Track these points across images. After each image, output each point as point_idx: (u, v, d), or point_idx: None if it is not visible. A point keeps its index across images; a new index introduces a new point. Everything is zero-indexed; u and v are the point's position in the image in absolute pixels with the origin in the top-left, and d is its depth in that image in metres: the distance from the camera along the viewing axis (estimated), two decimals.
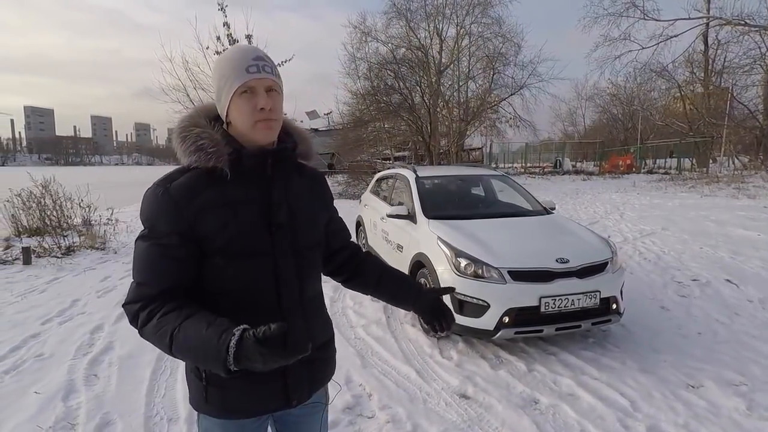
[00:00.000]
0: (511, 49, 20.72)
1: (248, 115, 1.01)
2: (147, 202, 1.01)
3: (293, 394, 1.12)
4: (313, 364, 1.15)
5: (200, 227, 0.99)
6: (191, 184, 1.00)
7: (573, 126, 48.72)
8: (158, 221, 0.99)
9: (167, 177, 1.03)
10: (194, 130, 1.02)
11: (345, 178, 17.08)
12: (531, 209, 4.59)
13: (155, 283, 0.98)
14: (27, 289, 4.96)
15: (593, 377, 2.97)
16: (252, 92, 1.00)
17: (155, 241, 0.99)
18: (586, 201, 12.74)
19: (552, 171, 25.97)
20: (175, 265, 0.99)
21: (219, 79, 1.03)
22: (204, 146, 1.00)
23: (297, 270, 1.10)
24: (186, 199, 0.98)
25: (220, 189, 1.01)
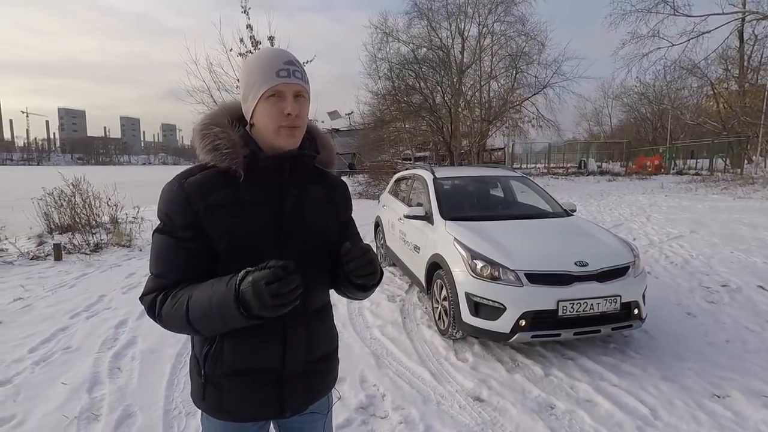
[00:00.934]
0: (535, 48, 20.41)
1: (273, 120, 1.00)
2: (164, 196, 1.02)
3: (287, 404, 1.10)
4: (311, 376, 1.13)
5: (207, 225, 0.99)
6: (206, 181, 1.01)
7: (599, 126, 47.57)
8: (172, 215, 1.00)
9: (185, 172, 1.04)
10: (213, 129, 1.02)
11: (365, 178, 17.13)
12: (550, 211, 4.51)
13: (170, 275, 1.00)
14: (57, 284, 5.17)
15: (612, 384, 2.89)
16: (280, 97, 1.00)
17: (169, 234, 1.00)
18: (611, 203, 12.42)
19: (576, 172, 25.44)
20: (188, 257, 1.00)
21: (247, 80, 1.01)
22: (220, 146, 1.00)
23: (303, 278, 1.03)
24: (198, 196, 0.99)
25: (233, 190, 1.01)
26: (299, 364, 1.09)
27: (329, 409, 1.27)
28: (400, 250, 4.99)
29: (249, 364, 1.04)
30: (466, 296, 3.27)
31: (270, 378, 1.07)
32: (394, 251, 5.25)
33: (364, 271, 1.05)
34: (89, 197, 7.74)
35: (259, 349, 1.04)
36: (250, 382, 1.05)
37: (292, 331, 1.06)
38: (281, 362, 1.06)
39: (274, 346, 1.05)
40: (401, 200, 5.47)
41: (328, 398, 1.26)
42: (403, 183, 5.84)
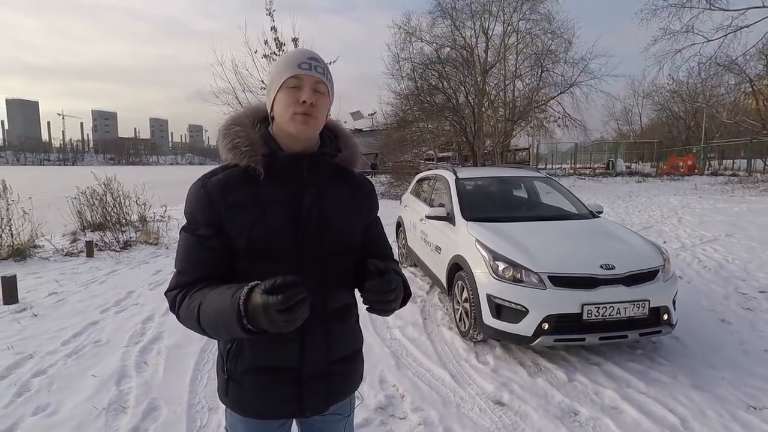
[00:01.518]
0: (561, 46, 19.97)
1: (288, 106, 1.01)
2: (189, 196, 1.05)
3: (307, 404, 1.09)
4: (331, 377, 1.12)
5: (228, 223, 1.01)
6: (227, 180, 1.03)
7: (628, 125, 46.24)
8: (196, 213, 1.03)
9: (210, 172, 1.06)
10: (234, 129, 1.05)
11: (388, 178, 17.14)
12: (576, 212, 4.41)
13: (191, 272, 1.02)
14: (89, 280, 5.37)
15: (640, 391, 2.80)
16: (298, 87, 1.02)
17: (193, 232, 1.04)
18: (641, 204, 12.04)
19: (604, 172, 24.78)
20: (210, 255, 1.02)
21: (272, 75, 1.05)
22: (239, 144, 1.02)
23: (321, 278, 1.06)
24: (219, 195, 1.01)
25: (253, 188, 1.03)
26: (318, 363, 1.08)
27: (351, 411, 1.25)
28: (421, 250, 4.97)
29: (267, 361, 1.05)
30: (488, 298, 3.22)
31: (289, 377, 1.07)
32: (416, 252, 5.23)
33: (380, 305, 1.01)
34: (119, 196, 8.02)
35: (277, 347, 1.05)
36: (269, 379, 1.06)
37: (310, 330, 1.05)
38: (299, 361, 1.06)
39: (292, 345, 1.05)
40: (423, 201, 5.45)
41: (351, 400, 1.25)
42: (425, 183, 5.82)
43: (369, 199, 1.21)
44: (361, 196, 1.18)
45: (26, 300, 4.57)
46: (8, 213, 6.32)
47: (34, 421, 2.50)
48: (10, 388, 2.84)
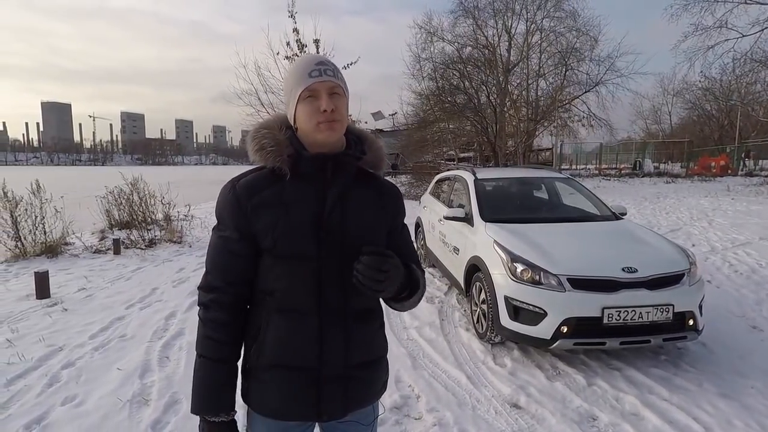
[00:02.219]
0: (587, 44, 19.51)
1: (311, 118, 1.03)
2: (219, 197, 1.09)
3: (324, 408, 1.08)
4: (351, 382, 1.10)
5: (255, 224, 1.04)
6: (254, 182, 1.06)
7: (657, 124, 44.83)
8: (224, 215, 1.07)
9: (239, 175, 1.10)
10: (261, 131, 1.08)
11: (408, 178, 17.12)
12: (598, 214, 4.31)
13: (219, 275, 1.07)
14: (116, 277, 5.55)
15: (662, 398, 2.72)
16: (315, 96, 1.03)
17: (221, 234, 1.08)
18: (669, 206, 11.67)
19: (630, 173, 24.12)
20: (235, 258, 1.06)
21: (287, 88, 1.08)
22: (265, 145, 1.05)
23: (342, 278, 1.05)
24: (246, 197, 1.04)
25: (279, 188, 1.05)
26: (338, 366, 1.07)
27: (373, 421, 1.22)
28: (439, 251, 4.95)
29: (287, 359, 1.06)
30: (506, 300, 3.19)
31: (307, 377, 1.06)
32: (434, 252, 5.21)
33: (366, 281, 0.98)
34: (145, 196, 8.26)
35: (297, 345, 1.05)
36: (288, 378, 1.07)
37: (328, 329, 1.06)
38: (318, 361, 1.06)
39: (311, 344, 1.05)
40: (442, 201, 5.42)
41: (373, 408, 1.22)
42: (444, 184, 5.79)
43: (395, 205, 1.21)
44: (387, 199, 1.18)
45: (57, 295, 4.76)
46: (42, 212, 6.60)
47: (63, 411, 2.61)
48: (42, 379, 2.97)
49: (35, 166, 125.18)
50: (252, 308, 1.11)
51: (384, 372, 1.21)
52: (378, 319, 1.19)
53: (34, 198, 6.58)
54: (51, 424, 2.49)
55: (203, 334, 1.08)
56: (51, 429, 2.45)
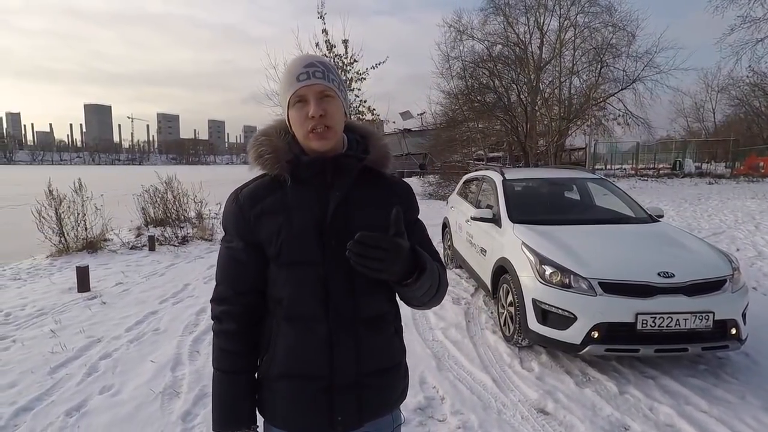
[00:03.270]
0: (624, 39, 18.80)
1: (302, 125, 1.00)
2: (224, 209, 1.09)
3: (338, 419, 1.03)
4: (365, 390, 1.05)
5: (259, 233, 1.03)
6: (256, 190, 1.05)
7: (699, 122, 42.81)
8: (229, 225, 1.07)
9: (242, 185, 1.09)
10: (260, 139, 1.06)
11: (435, 178, 17.01)
12: (633, 216, 4.15)
13: (228, 285, 1.07)
14: (150, 273, 5.77)
15: (700, 409, 2.59)
16: (303, 101, 1.00)
17: (227, 244, 1.08)
18: (711, 208, 11.13)
19: (669, 173, 23.14)
20: (242, 268, 1.05)
21: (280, 93, 1.07)
22: (262, 153, 1.03)
23: (349, 284, 1.02)
24: (249, 206, 1.04)
25: (280, 195, 1.03)
26: (350, 375, 1.03)
27: (394, 430, 1.16)
28: (466, 252, 4.89)
29: (298, 368, 1.03)
30: (534, 303, 3.12)
31: (319, 386, 1.03)
32: (461, 253, 5.15)
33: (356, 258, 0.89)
34: (179, 194, 8.55)
35: (307, 353, 1.02)
36: (300, 387, 1.03)
37: (338, 338, 1.02)
38: (329, 370, 1.02)
39: (321, 352, 1.01)
40: (469, 202, 5.36)
41: (393, 417, 1.15)
42: (472, 184, 5.72)
43: (404, 199, 1.13)
44: (395, 197, 1.11)
45: (96, 289, 4.99)
46: (83, 209, 6.93)
47: (100, 400, 2.73)
48: (81, 369, 3.12)
49: (78, 165, 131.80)
50: (265, 318, 1.09)
51: (402, 379, 1.15)
52: (392, 325, 1.12)
53: (77, 196, 6.92)
54: (89, 412, 2.60)
55: (217, 346, 1.08)
56: (89, 416, 2.56)
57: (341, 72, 18.96)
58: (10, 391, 2.84)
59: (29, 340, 3.61)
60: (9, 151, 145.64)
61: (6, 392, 2.82)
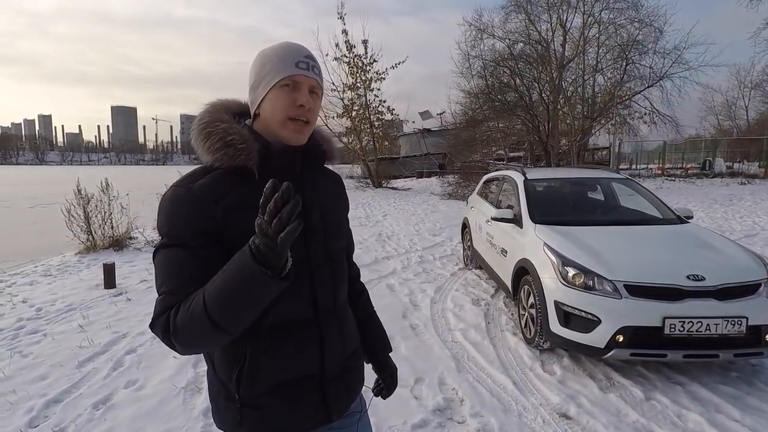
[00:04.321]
0: (650, 35, 18.32)
1: (283, 110, 0.94)
2: (168, 206, 0.91)
3: (333, 408, 1.04)
4: (348, 374, 1.09)
5: (228, 230, 0.89)
6: (216, 184, 0.91)
7: (731, 120, 41.33)
8: (181, 224, 0.89)
9: (189, 177, 0.94)
10: (220, 126, 0.94)
11: (455, 178, 16.90)
12: (660, 217, 4.03)
13: (183, 289, 0.86)
14: None
15: (732, 418, 2.49)
16: (295, 87, 0.94)
17: (179, 246, 0.88)
18: (743, 209, 10.72)
19: (698, 173, 22.40)
20: (203, 267, 0.87)
21: (260, 69, 0.96)
22: (233, 142, 0.91)
23: (332, 276, 1.03)
24: (212, 200, 0.89)
25: (248, 190, 0.90)
26: (337, 363, 1.04)
27: (366, 407, 1.21)
28: (486, 252, 4.83)
29: (289, 374, 0.97)
30: (556, 305, 3.05)
31: (311, 385, 1.01)
32: (481, 254, 5.10)
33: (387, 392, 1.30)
34: None
35: (297, 355, 0.98)
36: (293, 393, 0.98)
37: (327, 330, 1.01)
38: (320, 365, 1.01)
39: (312, 350, 1.00)
40: (490, 202, 5.30)
41: (361, 397, 1.20)
42: (492, 184, 5.65)
43: (343, 189, 1.20)
44: (340, 189, 1.18)
45: (122, 285, 5.13)
46: (110, 208, 7.13)
47: (125, 393, 2.80)
48: (108, 363, 3.21)
49: (105, 165, 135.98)
50: None
51: (362, 356, 1.22)
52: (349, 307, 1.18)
53: (104, 195, 7.12)
54: (115, 405, 2.67)
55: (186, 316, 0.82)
56: (115, 410, 2.63)
57: (361, 72, 19.09)
58: (41, 383, 2.94)
59: (59, 335, 3.73)
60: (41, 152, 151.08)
61: (37, 384, 2.92)
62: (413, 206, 13.10)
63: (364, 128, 20.46)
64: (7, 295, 4.90)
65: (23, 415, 2.57)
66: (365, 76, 19.23)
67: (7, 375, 3.05)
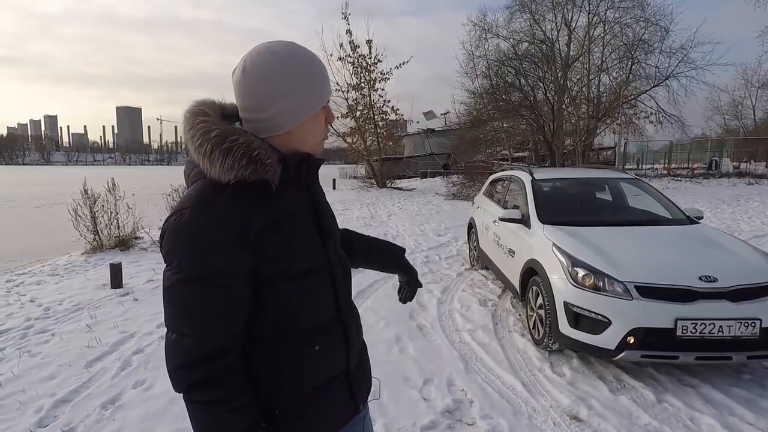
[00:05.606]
0: (656, 35, 18.13)
1: (323, 131, 0.98)
2: (190, 234, 0.81)
3: (358, 398, 1.07)
4: (363, 363, 1.13)
5: (262, 254, 0.85)
6: (238, 203, 0.84)
7: (737, 120, 40.98)
8: (215, 258, 0.81)
9: (205, 199, 0.84)
10: (239, 139, 0.85)
11: (460, 179, 16.86)
12: (670, 218, 3.99)
13: (219, 331, 0.83)
14: None
15: (746, 421, 2.46)
16: (326, 104, 0.98)
17: (213, 283, 0.82)
18: (752, 209, 10.64)
19: (705, 173, 22.26)
20: (241, 305, 0.85)
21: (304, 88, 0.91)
22: (259, 157, 0.84)
23: (344, 274, 1.06)
24: (242, 224, 0.83)
25: (271, 204, 0.88)
26: (356, 356, 1.08)
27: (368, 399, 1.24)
28: (493, 253, 4.81)
29: (325, 376, 0.98)
30: (565, 306, 3.03)
31: (341, 381, 1.03)
32: (487, 254, 5.07)
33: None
34: None
35: (330, 356, 0.99)
36: (329, 394, 1.00)
37: (348, 324, 1.04)
38: (346, 360, 1.04)
39: (339, 349, 1.02)
40: (496, 202, 5.28)
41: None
42: (498, 184, 5.63)
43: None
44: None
45: (129, 285, 5.13)
46: (116, 208, 7.15)
47: (134, 394, 2.80)
48: (116, 363, 3.21)
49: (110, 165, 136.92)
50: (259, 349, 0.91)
51: None
52: None
53: (110, 195, 7.14)
54: (124, 405, 2.67)
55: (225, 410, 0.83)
56: (124, 410, 2.63)
57: (365, 72, 19.09)
58: (50, 382, 2.95)
59: (67, 334, 3.74)
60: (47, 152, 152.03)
61: (46, 384, 2.93)
62: (418, 206, 13.07)
63: (368, 128, 20.45)
64: (15, 294, 4.92)
65: (33, 414, 2.58)
66: (369, 76, 19.21)
67: (17, 374, 3.05)
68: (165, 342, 0.86)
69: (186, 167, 0.96)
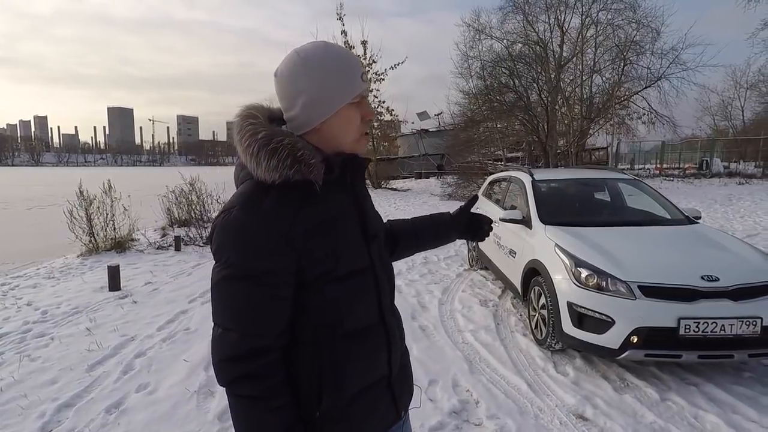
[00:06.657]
0: (648, 36, 18.29)
1: (359, 128, 0.95)
2: (237, 232, 0.83)
3: (400, 405, 1.05)
4: (404, 368, 1.10)
5: (307, 255, 0.86)
6: (285, 204, 0.85)
7: (727, 120, 41.51)
8: (262, 257, 0.83)
9: (252, 199, 0.86)
10: (285, 140, 0.86)
11: (455, 179, 16.91)
12: (669, 218, 4.04)
13: (265, 330, 0.85)
14: (178, 272, 5.85)
15: (749, 419, 2.49)
16: (361, 101, 0.95)
17: (260, 281, 0.84)
18: (743, 209, 10.78)
19: (696, 173, 22.52)
20: (285, 305, 0.87)
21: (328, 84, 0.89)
22: (304, 157, 0.85)
23: (387, 277, 1.05)
24: (288, 224, 0.84)
25: (317, 205, 0.88)
26: (398, 359, 1.06)
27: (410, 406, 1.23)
28: (493, 253, 4.83)
29: (368, 380, 0.97)
30: (569, 306, 3.05)
31: (383, 386, 1.01)
32: (487, 255, 5.09)
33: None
34: (202, 195, 8.66)
35: (372, 360, 0.98)
36: (370, 398, 0.98)
37: (390, 328, 1.03)
38: (388, 365, 1.02)
39: (382, 352, 1.01)
40: (495, 203, 5.30)
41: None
42: (497, 185, 5.65)
43: None
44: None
45: (127, 288, 5.09)
46: (112, 209, 7.08)
47: (138, 398, 2.77)
48: (118, 366, 3.18)
49: (101, 166, 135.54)
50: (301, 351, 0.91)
51: None
52: None
53: (106, 197, 7.08)
54: (128, 410, 2.65)
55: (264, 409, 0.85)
56: (128, 414, 2.60)
57: None
58: (52, 387, 2.91)
59: (66, 338, 3.69)
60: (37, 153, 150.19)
61: (48, 388, 2.90)
62: (414, 207, 13.09)
63: None
64: (11, 297, 4.86)
65: (36, 419, 2.55)
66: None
67: (17, 379, 3.02)
68: (211, 336, 0.89)
69: (235, 169, 0.98)
